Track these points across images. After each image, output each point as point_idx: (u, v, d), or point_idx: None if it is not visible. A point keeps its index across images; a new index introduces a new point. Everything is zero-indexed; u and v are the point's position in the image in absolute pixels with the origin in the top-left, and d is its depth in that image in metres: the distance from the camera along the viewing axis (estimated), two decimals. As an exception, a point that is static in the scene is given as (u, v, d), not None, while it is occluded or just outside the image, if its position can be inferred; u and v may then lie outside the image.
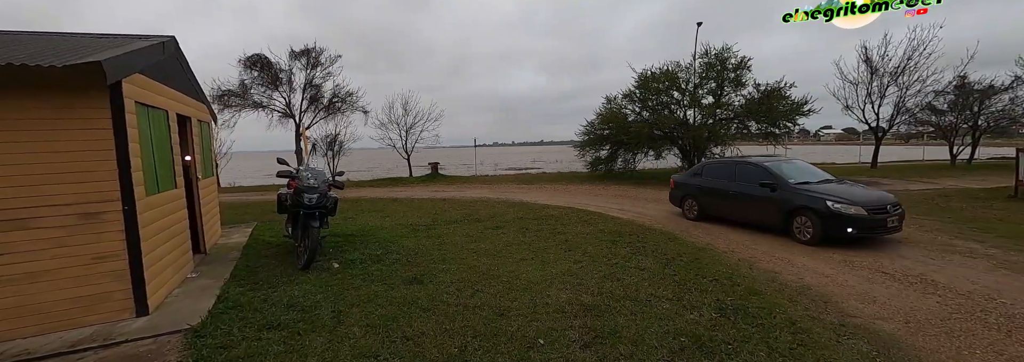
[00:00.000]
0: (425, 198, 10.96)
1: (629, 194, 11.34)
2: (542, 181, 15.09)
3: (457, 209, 8.70)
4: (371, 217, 7.88)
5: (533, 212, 8.02)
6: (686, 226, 6.80)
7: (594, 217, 7.44)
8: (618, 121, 14.61)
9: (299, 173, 4.56)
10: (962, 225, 6.47)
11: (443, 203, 9.70)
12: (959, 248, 5.18)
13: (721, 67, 13.86)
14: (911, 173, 15.88)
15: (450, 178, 16.87)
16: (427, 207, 9.11)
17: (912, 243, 5.51)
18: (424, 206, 9.27)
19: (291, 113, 15.59)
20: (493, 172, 25.27)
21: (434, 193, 12.36)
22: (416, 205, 9.50)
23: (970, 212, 7.51)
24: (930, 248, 5.22)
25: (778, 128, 14.05)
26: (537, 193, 11.94)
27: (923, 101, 18.41)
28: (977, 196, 9.04)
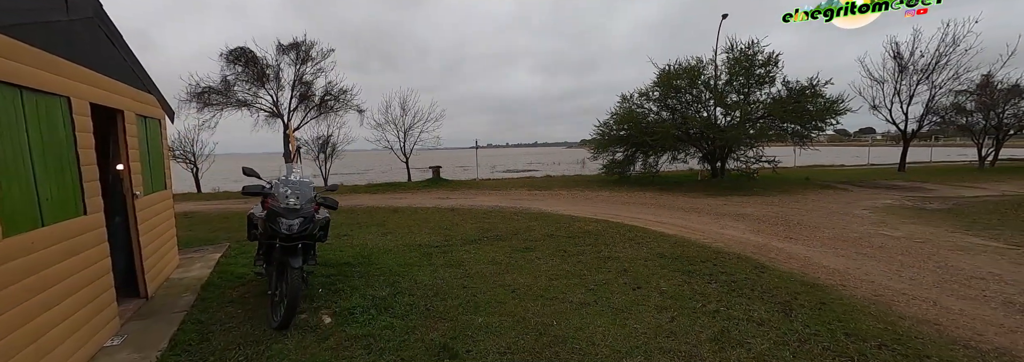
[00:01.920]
0: (430, 208, 9.67)
1: (658, 202, 10.14)
2: (555, 186, 13.85)
3: (471, 222, 7.43)
4: (371, 234, 6.58)
5: (561, 226, 6.77)
6: (754, 244, 5.59)
7: (637, 233, 6.21)
8: (636, 121, 13.44)
9: (274, 189, 3.28)
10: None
11: (452, 214, 8.42)
12: None
13: (748, 63, 12.75)
14: (947, 176, 14.88)
15: (453, 183, 15.58)
16: (435, 220, 7.83)
17: (1063, 272, 4.34)
18: (431, 218, 7.98)
19: (279, 112, 14.22)
20: (492, 175, 24.07)
21: (439, 201, 11.07)
22: (421, 217, 8.21)
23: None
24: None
25: (808, 129, 12.95)
26: (554, 201, 10.69)
27: (950, 101, 17.53)
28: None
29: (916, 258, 4.93)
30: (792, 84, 12.79)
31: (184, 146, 14.61)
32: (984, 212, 7.71)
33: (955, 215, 7.60)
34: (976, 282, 4.09)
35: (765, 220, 7.45)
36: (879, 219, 7.30)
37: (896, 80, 16.41)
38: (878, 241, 5.73)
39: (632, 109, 14.10)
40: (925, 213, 7.89)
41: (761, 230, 6.64)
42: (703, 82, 12.76)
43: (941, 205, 8.78)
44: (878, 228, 6.58)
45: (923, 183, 13.09)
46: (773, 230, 6.64)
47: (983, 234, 5.99)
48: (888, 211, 8.16)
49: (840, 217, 7.58)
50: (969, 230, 6.24)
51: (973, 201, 9.18)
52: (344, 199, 11.87)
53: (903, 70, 16.22)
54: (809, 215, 7.85)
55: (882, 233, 6.22)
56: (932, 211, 8.13)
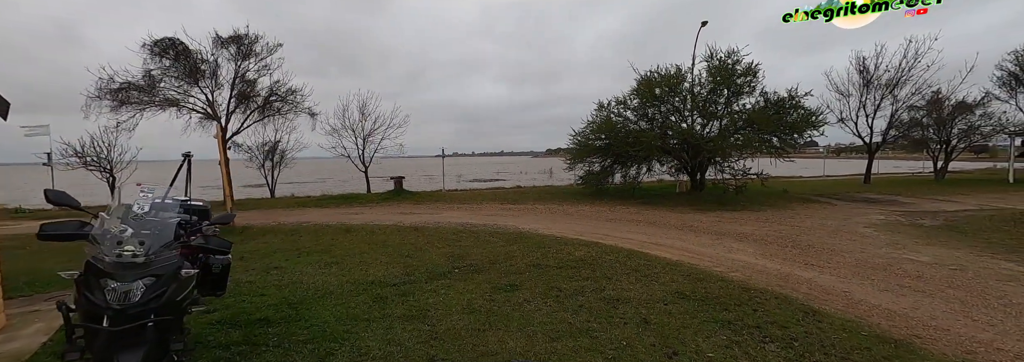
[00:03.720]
0: (390, 225, 8.33)
1: (645, 218, 9.27)
2: (528, 199, 12.80)
3: (438, 246, 6.20)
4: (310, 266, 5.21)
5: (548, 252, 5.67)
6: (776, 274, 4.72)
7: (639, 261, 5.21)
8: (615, 130, 12.69)
9: (97, 229, 1.96)
10: None
11: (416, 235, 7.14)
12: None
13: (729, 73, 12.33)
14: (911, 188, 15.06)
15: (418, 195, 14.20)
16: (395, 242, 6.53)
17: None
18: (390, 241, 6.68)
19: (215, 113, 12.41)
20: (458, 184, 22.82)
21: (401, 217, 9.72)
22: (379, 238, 6.89)
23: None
24: None
25: (787, 141, 12.63)
26: (531, 217, 9.61)
27: (908, 115, 18.09)
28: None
29: (970, 293, 4.18)
30: (771, 95, 12.48)
31: (97, 152, 12.45)
32: (985, 229, 7.32)
33: (960, 233, 7.14)
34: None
35: (770, 241, 6.68)
36: (890, 239, 6.69)
37: (862, 94, 16.71)
38: (911, 269, 5.01)
39: (610, 117, 13.37)
40: (927, 230, 7.42)
41: (774, 254, 5.82)
42: (687, 90, 12.20)
43: (933, 221, 8.42)
44: (898, 251, 5.92)
45: (895, 196, 13.06)
46: (786, 254, 5.84)
47: (1012, 258, 5.42)
48: (889, 229, 7.64)
49: (846, 237, 6.94)
50: (994, 253, 5.67)
51: (961, 216, 8.90)
52: (291, 216, 10.28)
53: (868, 84, 16.55)
54: (813, 234, 7.17)
55: (907, 257, 5.54)
56: (931, 228, 7.69)
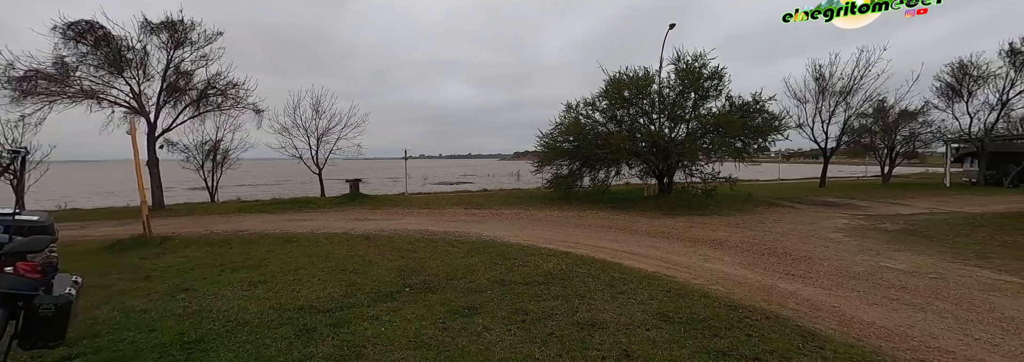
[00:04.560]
0: (339, 234, 7.49)
1: (616, 223, 8.88)
2: (495, 204, 12.19)
3: (390, 258, 5.47)
4: (232, 286, 4.37)
5: (513, 264, 5.07)
6: (759, 287, 4.35)
7: (613, 274, 4.70)
8: (584, 132, 12.34)
9: None
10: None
11: (366, 246, 6.36)
12: None
13: (695, 76, 12.25)
14: (862, 192, 15.60)
15: (376, 199, 13.27)
16: (340, 255, 5.74)
17: None
18: (335, 253, 5.88)
19: (141, 108, 11.05)
20: (424, 188, 22.00)
21: (354, 223, 8.86)
22: (322, 250, 6.07)
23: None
24: None
25: (751, 144, 12.69)
26: (497, 223, 9.01)
27: (858, 122, 18.94)
28: (1007, 225, 7.86)
29: (960, 306, 3.94)
30: (736, 99, 12.51)
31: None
32: (947, 233, 7.37)
33: (925, 237, 7.15)
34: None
35: (745, 248, 6.39)
36: (861, 245, 6.57)
37: (817, 101, 17.27)
38: (892, 278, 4.78)
39: (578, 119, 13.01)
40: (893, 235, 7.39)
41: (752, 264, 5.50)
42: (656, 91, 12.01)
43: (895, 225, 8.49)
44: (872, 258, 5.75)
45: (851, 199, 13.42)
46: (764, 263, 5.53)
47: (984, 264, 5.33)
48: (857, 233, 7.58)
49: (819, 243, 6.77)
50: (965, 259, 5.59)
51: (918, 220, 9.06)
52: (226, 224, 9.20)
53: (823, 91, 17.12)
54: (786, 240, 6.97)
55: (884, 265, 5.35)
56: (895, 232, 7.70)
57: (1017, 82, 18.26)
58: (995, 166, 19.03)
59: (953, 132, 19.66)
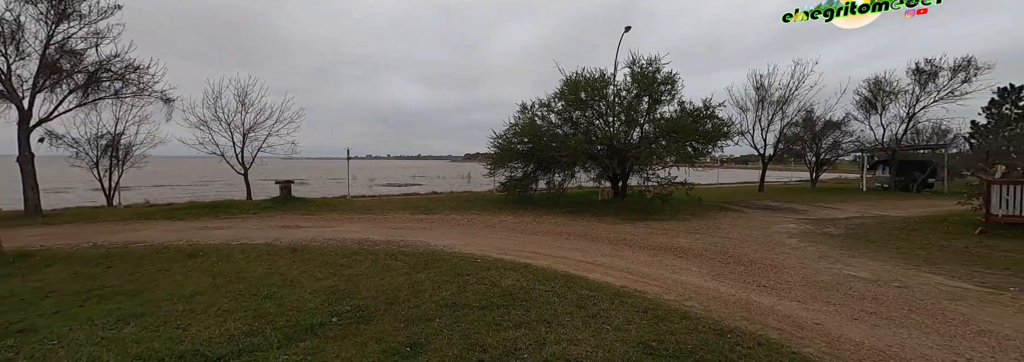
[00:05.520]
0: (259, 245, 6.38)
1: (574, 229, 8.43)
2: (445, 208, 11.36)
3: (317, 277, 4.57)
4: (95, 321, 3.31)
5: (466, 282, 4.37)
6: (735, 302, 3.99)
7: (580, 291, 4.14)
8: (539, 134, 11.87)
9: None
10: None
11: (290, 260, 5.37)
12: None
13: (649, 80, 12.22)
14: (797, 196, 16.48)
15: (310, 203, 11.93)
16: (255, 274, 4.74)
17: None
18: (249, 271, 4.86)
19: (11, 92, 9.09)
20: (370, 190, 20.62)
21: (280, 232, 7.71)
22: (232, 268, 5.01)
23: (977, 252, 6.31)
24: None
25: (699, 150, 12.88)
26: (447, 230, 8.25)
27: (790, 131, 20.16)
28: (935, 228, 8.32)
29: (935, 318, 3.79)
30: (687, 104, 12.64)
31: None
32: (886, 237, 7.63)
33: (868, 241, 7.33)
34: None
35: (710, 256, 6.13)
36: (817, 251, 6.55)
37: (757, 109, 18.13)
38: (860, 288, 4.64)
39: (534, 120, 12.54)
40: (840, 240, 7.52)
41: (721, 274, 5.19)
42: (613, 93, 11.80)
43: (837, 229, 8.74)
44: (833, 265, 5.67)
45: (789, 203, 14.03)
46: (733, 273, 5.25)
47: (936, 271, 5.39)
48: (808, 238, 7.66)
49: (778, 249, 6.69)
50: (917, 265, 5.65)
51: (854, 223, 9.42)
52: (118, 231, 7.70)
53: (762, 101, 18.01)
54: (746, 247, 6.83)
55: (847, 274, 5.25)
56: (841, 237, 7.87)
57: (921, 98, 20.35)
58: (903, 173, 21.05)
59: (869, 142, 21.53)
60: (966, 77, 19.46)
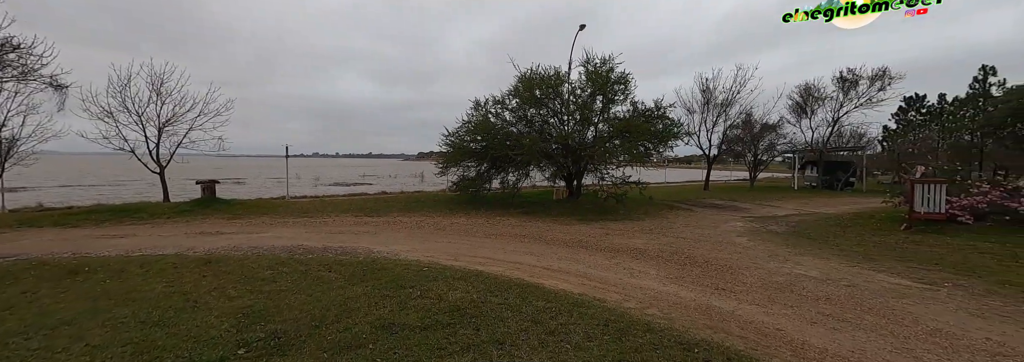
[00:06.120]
0: (167, 256, 5.47)
1: (529, 231, 8.10)
2: (393, 209, 10.65)
3: (230, 295, 3.87)
4: None
5: (410, 296, 3.87)
6: (695, 307, 3.80)
7: (538, 304, 3.77)
8: (494, 132, 11.46)
9: None
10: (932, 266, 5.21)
11: (200, 273, 4.58)
12: None
13: (603, 80, 12.18)
14: (739, 195, 17.26)
15: (239, 205, 10.75)
16: (151, 292, 3.94)
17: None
18: (145, 288, 4.05)
19: None
20: (314, 190, 19.28)
21: (196, 240, 6.74)
22: (125, 285, 4.17)
23: (907, 247, 6.69)
24: None
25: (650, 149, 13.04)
26: (392, 234, 7.63)
27: (731, 133, 21.19)
28: (865, 225, 8.82)
29: (888, 319, 3.78)
30: (639, 105, 12.74)
31: None
32: (825, 235, 7.94)
33: (809, 239, 7.58)
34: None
35: (666, 258, 6.01)
36: (766, 250, 6.64)
37: (703, 111, 18.84)
38: (813, 289, 4.64)
39: (488, 118, 12.10)
40: (784, 238, 7.73)
41: (679, 277, 5.04)
42: (569, 91, 11.62)
43: (779, 227, 9.05)
44: (783, 264, 5.72)
45: (733, 202, 14.60)
46: (690, 275, 5.12)
47: (876, 267, 5.56)
48: (756, 237, 7.81)
49: (730, 249, 6.71)
50: (858, 263, 5.82)
51: (794, 221, 9.84)
52: None
53: (708, 103, 18.73)
54: (700, 247, 6.81)
55: (798, 273, 5.28)
56: (784, 234, 8.10)
57: (845, 104, 22.12)
58: (829, 172, 22.79)
59: (800, 144, 23.11)
60: (882, 86, 21.40)
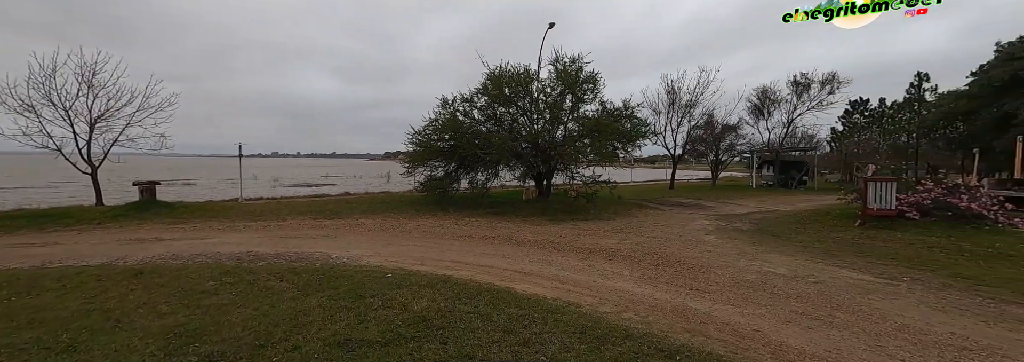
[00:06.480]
0: (91, 267, 4.85)
1: (499, 233, 7.85)
2: (356, 211, 10.13)
3: (161, 312, 3.41)
4: None
5: (370, 307, 3.53)
6: (672, 309, 3.69)
7: (510, 312, 3.53)
8: (462, 131, 11.14)
9: None
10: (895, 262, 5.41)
11: (129, 286, 4.05)
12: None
13: (572, 79, 12.11)
14: (702, 193, 17.72)
15: (181, 209, 9.89)
16: (65, 310, 3.41)
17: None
18: (58, 305, 3.51)
19: None
20: (272, 192, 18.29)
21: (131, 247, 6.07)
22: (34, 302, 3.60)
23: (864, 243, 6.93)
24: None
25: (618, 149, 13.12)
26: (353, 237, 7.19)
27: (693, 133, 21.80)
28: (822, 221, 9.14)
29: (858, 316, 3.80)
30: (608, 105, 12.77)
31: None
32: (788, 231, 8.15)
33: (773, 236, 7.75)
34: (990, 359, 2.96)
35: (638, 258, 5.92)
36: (734, 247, 6.70)
37: (668, 112, 19.24)
38: (784, 286, 4.65)
39: (456, 116, 11.76)
40: (750, 235, 7.86)
41: (653, 277, 4.95)
42: (539, 90, 11.46)
43: (743, 224, 9.25)
44: (752, 262, 5.76)
45: (698, 200, 14.94)
46: (664, 276, 5.04)
47: (839, 263, 5.69)
48: (723, 235, 7.91)
49: (700, 247, 6.73)
50: (822, 259, 5.94)
51: (756, 218, 10.10)
52: None
53: (673, 104, 19.15)
54: (671, 246, 6.79)
55: (768, 271, 5.31)
56: (749, 232, 8.26)
57: (798, 106, 23.25)
58: (784, 171, 23.88)
59: (758, 144, 24.11)
60: (831, 89, 22.65)
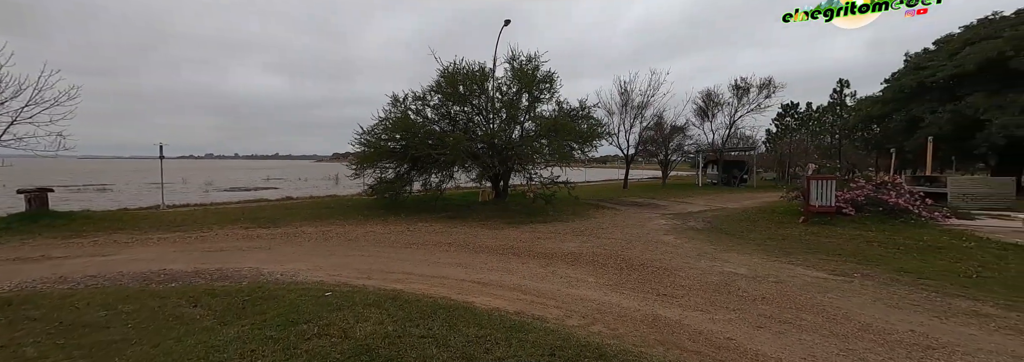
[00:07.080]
0: (-62, 298, 3.85)
1: (455, 238, 7.40)
2: (297, 217, 9.24)
3: (23, 359, 2.66)
4: None
5: (302, 335, 2.99)
6: (641, 319, 3.47)
7: (469, 333, 3.12)
8: (415, 130, 10.55)
9: None
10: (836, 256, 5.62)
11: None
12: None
13: (529, 78, 11.88)
14: (654, 193, 18.17)
15: (83, 219, 8.53)
16: None
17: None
18: None
19: None
20: (204, 198, 16.63)
21: (7, 267, 4.99)
22: None
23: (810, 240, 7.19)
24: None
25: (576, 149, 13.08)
26: (293, 249, 6.45)
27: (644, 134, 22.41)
28: (769, 218, 9.48)
29: (824, 316, 3.76)
30: (565, 105, 12.67)
31: None
32: (739, 230, 8.33)
33: (727, 234, 7.88)
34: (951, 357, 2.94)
35: (602, 262, 5.71)
36: (694, 247, 6.70)
37: (622, 113, 19.59)
38: (747, 288, 4.59)
39: (408, 115, 11.13)
40: (706, 234, 7.95)
41: (619, 284, 4.73)
42: (495, 88, 11.09)
43: (697, 223, 9.40)
44: (713, 263, 5.72)
45: (651, 199, 15.23)
46: (630, 281, 4.84)
47: (794, 261, 5.79)
48: (680, 234, 7.95)
49: (662, 248, 6.65)
50: (778, 257, 6.03)
51: (708, 216, 10.33)
52: None
53: (626, 105, 19.52)
54: (633, 248, 6.66)
55: (729, 271, 5.28)
56: (704, 231, 8.38)
57: (739, 109, 24.56)
58: (727, 171, 25.17)
59: (704, 145, 25.22)
60: (768, 93, 24.11)
